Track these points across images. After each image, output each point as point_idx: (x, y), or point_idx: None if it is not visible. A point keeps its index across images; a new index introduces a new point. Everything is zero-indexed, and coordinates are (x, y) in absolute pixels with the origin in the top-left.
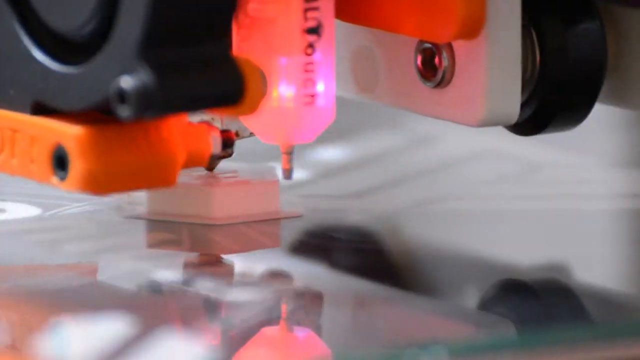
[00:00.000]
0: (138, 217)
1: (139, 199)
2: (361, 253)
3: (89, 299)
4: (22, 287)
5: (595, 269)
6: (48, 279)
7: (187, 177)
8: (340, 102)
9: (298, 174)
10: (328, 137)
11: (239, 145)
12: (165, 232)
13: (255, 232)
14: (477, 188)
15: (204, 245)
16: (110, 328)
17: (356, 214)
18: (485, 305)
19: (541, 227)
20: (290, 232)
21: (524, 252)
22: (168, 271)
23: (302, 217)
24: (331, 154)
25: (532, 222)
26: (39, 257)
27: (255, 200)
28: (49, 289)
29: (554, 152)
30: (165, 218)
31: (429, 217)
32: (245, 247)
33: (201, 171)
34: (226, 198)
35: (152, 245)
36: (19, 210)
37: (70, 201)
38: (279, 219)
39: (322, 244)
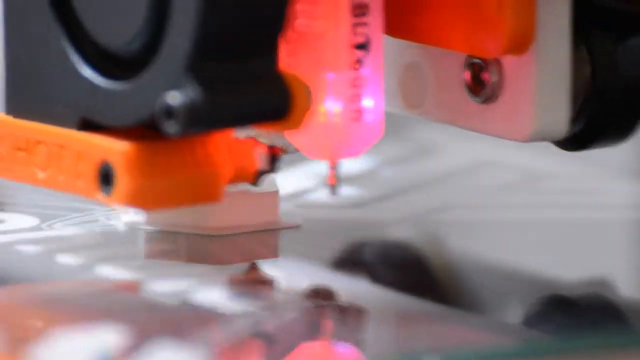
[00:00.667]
0: (136, 228)
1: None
2: (361, 264)
3: (84, 312)
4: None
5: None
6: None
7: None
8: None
9: (298, 184)
10: None
11: None
12: (163, 242)
13: (253, 242)
14: (481, 197)
15: (202, 256)
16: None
17: (357, 223)
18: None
19: (560, 236)
20: (289, 242)
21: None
22: (165, 283)
23: (300, 227)
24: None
25: (538, 232)
26: (34, 268)
27: (255, 211)
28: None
29: (556, 161)
30: (164, 228)
31: (432, 228)
32: (243, 257)
33: None
34: (225, 208)
35: (150, 255)
36: (17, 221)
37: (68, 211)
38: (278, 229)
39: (320, 255)
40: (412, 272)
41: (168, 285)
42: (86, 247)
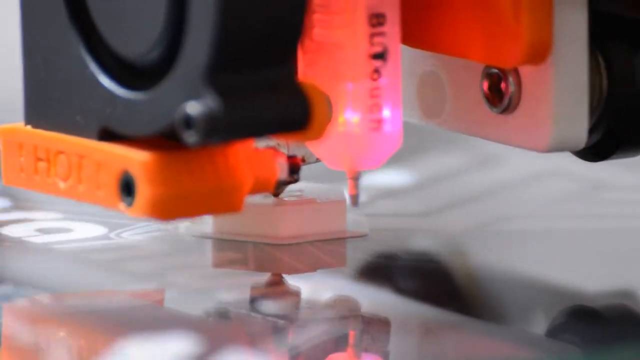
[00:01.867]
0: (204, 237)
1: (205, 218)
2: (425, 274)
3: (153, 321)
4: (88, 312)
5: None
6: (115, 303)
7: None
8: (404, 123)
9: (364, 193)
10: (393, 157)
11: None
12: (231, 251)
13: (321, 251)
14: (542, 208)
15: (269, 264)
16: (173, 351)
17: (421, 234)
18: (553, 331)
19: (608, 248)
20: (356, 251)
21: (591, 275)
22: (234, 292)
23: (367, 236)
24: (396, 174)
25: (599, 243)
26: (104, 276)
27: (322, 220)
28: (114, 312)
29: (618, 172)
30: (231, 237)
31: (494, 238)
32: (311, 266)
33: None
34: (292, 217)
35: (218, 264)
36: (85, 230)
37: (136, 220)
38: (345, 238)
39: (387, 264)
40: (434, 279)
41: (236, 293)
42: (154, 256)
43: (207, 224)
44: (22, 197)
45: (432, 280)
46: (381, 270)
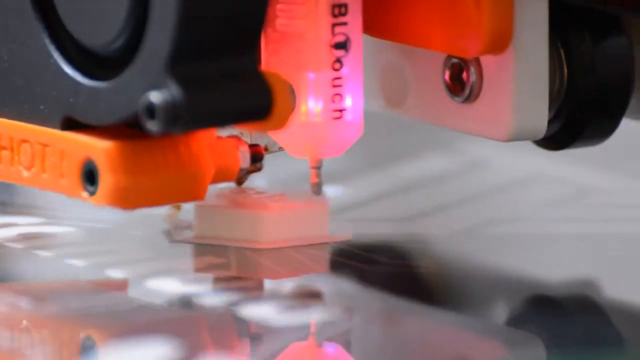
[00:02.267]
0: (185, 241)
1: (187, 223)
2: (404, 276)
3: (134, 325)
4: (56, 306)
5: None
6: (81, 297)
7: (235, 201)
8: (393, 124)
9: (348, 197)
10: (380, 159)
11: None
12: (213, 255)
13: (303, 256)
14: (533, 211)
15: (251, 269)
16: (153, 355)
17: (405, 237)
18: (515, 322)
19: (593, 250)
20: (339, 256)
21: (563, 272)
22: (215, 297)
23: (350, 241)
24: (383, 176)
25: (583, 245)
26: (85, 281)
27: (304, 224)
28: (82, 306)
29: (607, 176)
30: (213, 242)
31: (480, 241)
32: (293, 271)
33: (251, 194)
34: (274, 222)
35: (199, 269)
36: (66, 235)
37: (117, 225)
38: (327, 243)
39: (369, 268)
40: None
41: (217, 298)
42: (136, 261)
43: (189, 228)
44: (5, 201)
45: (408, 281)
46: (361, 273)
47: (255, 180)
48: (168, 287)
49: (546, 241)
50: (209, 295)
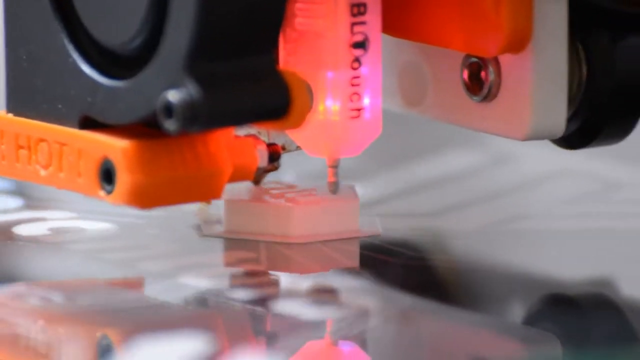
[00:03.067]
0: (216, 236)
1: (217, 218)
2: (434, 271)
3: (166, 320)
4: (75, 303)
5: None
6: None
7: (266, 195)
8: (415, 121)
9: (376, 192)
10: (408, 155)
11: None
12: (244, 250)
13: (333, 250)
14: (556, 207)
15: (281, 264)
16: (184, 350)
17: (432, 233)
18: (532, 320)
19: (618, 248)
20: (369, 250)
21: (584, 269)
22: (246, 291)
23: (380, 235)
24: (405, 173)
25: (612, 241)
26: (116, 276)
27: (334, 219)
28: (125, 310)
29: (633, 171)
30: (244, 236)
31: (506, 237)
32: (323, 266)
33: (282, 188)
34: (305, 216)
35: (229, 264)
36: (98, 229)
37: (147, 219)
38: (357, 237)
39: (399, 262)
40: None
41: (248, 293)
42: (166, 255)
43: (219, 223)
44: (36, 196)
45: (437, 276)
46: (392, 268)
47: (285, 176)
48: (197, 281)
49: (569, 237)
50: (238, 290)
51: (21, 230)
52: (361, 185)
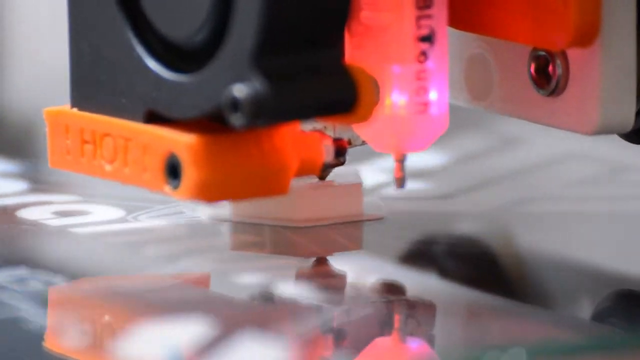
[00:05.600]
0: (221, 220)
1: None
2: (440, 256)
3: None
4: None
5: None
6: (160, 288)
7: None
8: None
9: (382, 177)
10: None
11: None
12: (249, 234)
13: (337, 234)
14: (565, 190)
15: (286, 247)
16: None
17: (438, 216)
18: (597, 315)
19: (631, 230)
20: (373, 234)
21: (631, 259)
22: (251, 275)
23: (384, 219)
24: (418, 155)
25: (622, 224)
26: (121, 259)
27: (338, 203)
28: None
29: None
30: (249, 220)
31: (517, 220)
32: (327, 249)
33: None
34: (309, 200)
35: (235, 247)
36: (103, 213)
37: (153, 203)
38: (361, 221)
39: (403, 246)
40: (482, 266)
41: (252, 277)
42: (172, 239)
43: (224, 207)
44: (40, 179)
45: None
46: (395, 252)
47: None
48: (205, 265)
49: (583, 219)
50: (245, 273)
51: (26, 213)
52: (370, 168)
